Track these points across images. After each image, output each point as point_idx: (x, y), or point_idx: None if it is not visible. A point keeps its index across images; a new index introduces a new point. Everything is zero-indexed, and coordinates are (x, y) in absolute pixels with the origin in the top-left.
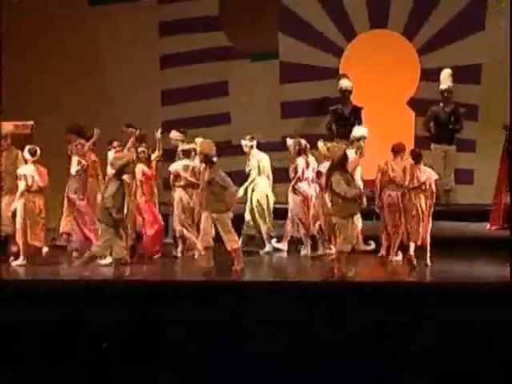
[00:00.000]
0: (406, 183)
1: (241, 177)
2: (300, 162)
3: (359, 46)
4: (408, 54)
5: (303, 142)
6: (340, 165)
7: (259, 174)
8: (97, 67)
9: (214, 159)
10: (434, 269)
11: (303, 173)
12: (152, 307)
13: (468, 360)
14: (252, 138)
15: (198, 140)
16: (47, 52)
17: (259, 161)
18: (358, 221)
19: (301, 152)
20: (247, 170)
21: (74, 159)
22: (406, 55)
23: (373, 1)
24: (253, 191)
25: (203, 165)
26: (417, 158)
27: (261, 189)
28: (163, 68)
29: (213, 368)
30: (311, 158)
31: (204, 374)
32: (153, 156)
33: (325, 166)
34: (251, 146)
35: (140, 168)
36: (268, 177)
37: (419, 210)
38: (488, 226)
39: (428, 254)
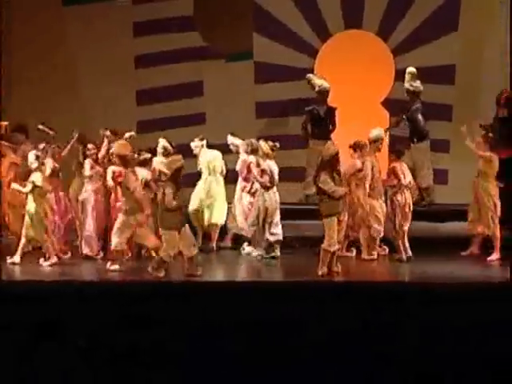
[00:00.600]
0: (405, 182)
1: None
2: (252, 160)
3: (334, 46)
4: (382, 54)
5: (255, 142)
6: (329, 163)
7: (209, 173)
8: (71, 67)
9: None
10: (415, 268)
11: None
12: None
13: (450, 359)
14: (202, 139)
15: (161, 141)
16: (20, 52)
17: (209, 161)
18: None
19: (253, 152)
20: (199, 169)
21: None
22: (380, 55)
23: (347, 1)
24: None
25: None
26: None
27: (213, 188)
28: (138, 68)
29: (192, 367)
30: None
31: (184, 372)
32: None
33: (268, 165)
34: (202, 146)
35: (111, 169)
36: (222, 174)
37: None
38: None
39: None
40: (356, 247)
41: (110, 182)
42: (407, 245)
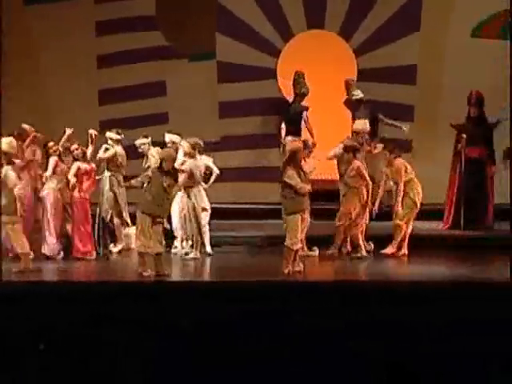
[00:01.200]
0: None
1: None
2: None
3: (296, 46)
4: (344, 54)
5: (200, 142)
6: (294, 159)
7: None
8: (33, 67)
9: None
10: (385, 268)
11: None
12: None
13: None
14: (146, 136)
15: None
16: None
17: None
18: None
19: (200, 152)
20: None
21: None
22: (342, 55)
23: (309, 1)
24: None
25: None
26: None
27: None
28: (100, 67)
29: (157, 366)
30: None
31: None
32: (88, 152)
33: (189, 164)
34: (148, 144)
35: (76, 165)
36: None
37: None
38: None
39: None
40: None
41: (71, 178)
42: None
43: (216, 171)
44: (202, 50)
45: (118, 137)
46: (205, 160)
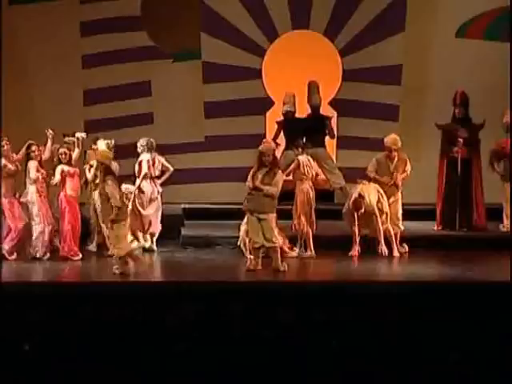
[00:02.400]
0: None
1: None
2: (144, 157)
3: (281, 46)
4: (330, 54)
5: (153, 141)
6: (260, 160)
7: None
8: (18, 67)
9: None
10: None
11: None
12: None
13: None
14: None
15: (100, 143)
16: None
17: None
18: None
19: (149, 150)
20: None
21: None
22: (327, 56)
23: (295, 1)
24: None
25: None
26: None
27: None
28: (85, 68)
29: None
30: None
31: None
32: (73, 155)
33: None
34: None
35: (60, 168)
36: None
37: None
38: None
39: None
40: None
41: (56, 178)
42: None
43: (171, 169)
44: (187, 50)
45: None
46: (159, 158)
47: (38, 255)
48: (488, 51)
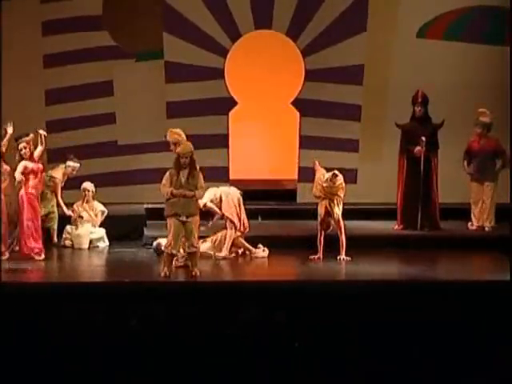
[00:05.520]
0: None
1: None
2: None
3: (244, 46)
4: (292, 54)
5: None
6: (177, 162)
7: None
8: None
9: None
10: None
11: None
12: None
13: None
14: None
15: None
16: None
17: None
18: None
19: None
20: None
21: None
22: (290, 56)
23: (257, 1)
24: None
25: None
26: None
27: None
28: (46, 67)
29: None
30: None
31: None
32: (36, 152)
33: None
34: None
35: (22, 164)
36: None
37: None
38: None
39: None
40: None
41: (18, 176)
42: None
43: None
44: (150, 50)
45: (77, 165)
46: None
47: None
48: (448, 51)
